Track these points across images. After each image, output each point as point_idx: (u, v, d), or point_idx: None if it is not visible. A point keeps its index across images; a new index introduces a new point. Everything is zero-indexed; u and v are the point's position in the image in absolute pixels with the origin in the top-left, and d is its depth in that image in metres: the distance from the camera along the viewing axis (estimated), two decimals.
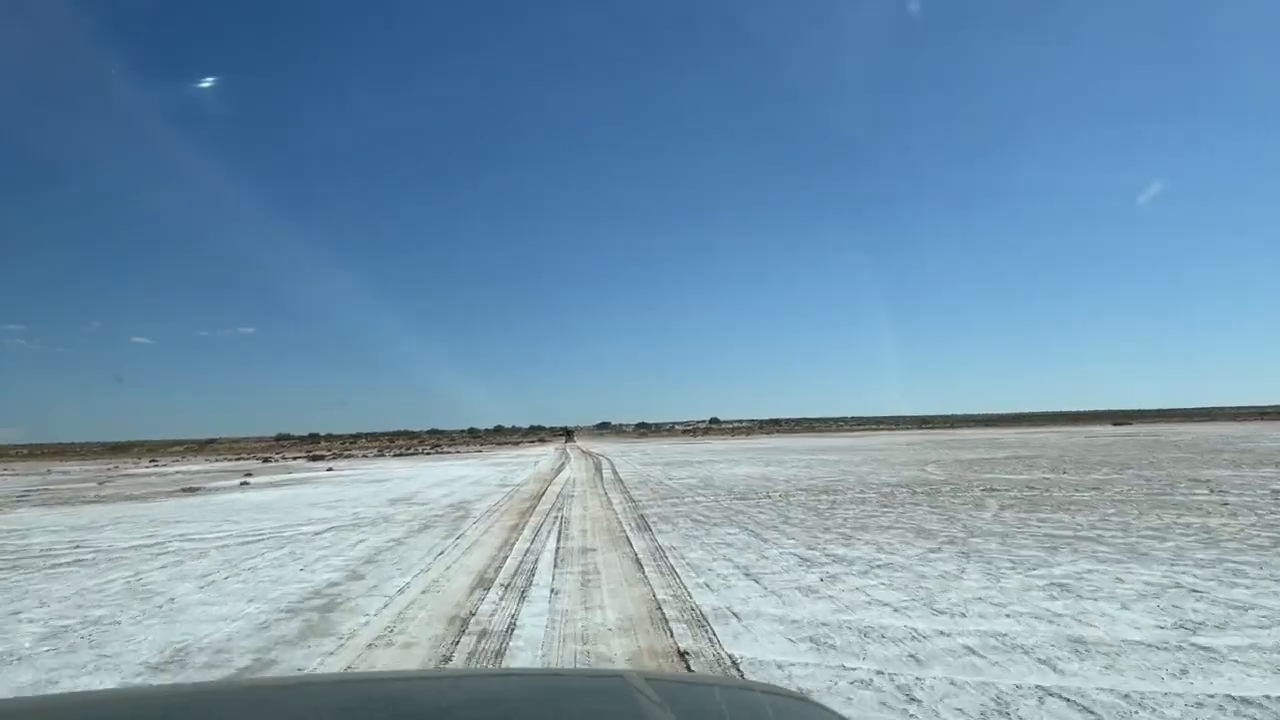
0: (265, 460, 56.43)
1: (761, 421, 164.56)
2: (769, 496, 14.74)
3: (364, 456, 59.53)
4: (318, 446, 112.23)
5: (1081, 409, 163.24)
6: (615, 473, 24.42)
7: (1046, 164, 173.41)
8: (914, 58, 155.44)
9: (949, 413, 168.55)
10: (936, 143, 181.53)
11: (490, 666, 4.62)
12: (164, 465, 54.26)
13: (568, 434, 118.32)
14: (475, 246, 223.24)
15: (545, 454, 47.21)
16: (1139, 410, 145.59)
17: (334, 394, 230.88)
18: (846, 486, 16.53)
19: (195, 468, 47.09)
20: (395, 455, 58.36)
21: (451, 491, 18.78)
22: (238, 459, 64.46)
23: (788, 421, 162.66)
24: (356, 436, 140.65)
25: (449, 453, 60.85)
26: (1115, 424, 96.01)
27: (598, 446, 61.24)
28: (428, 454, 59.46)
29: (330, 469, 37.32)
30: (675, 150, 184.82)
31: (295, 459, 57.52)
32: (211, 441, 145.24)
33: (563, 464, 32.44)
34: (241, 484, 27.35)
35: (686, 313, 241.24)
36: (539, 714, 1.17)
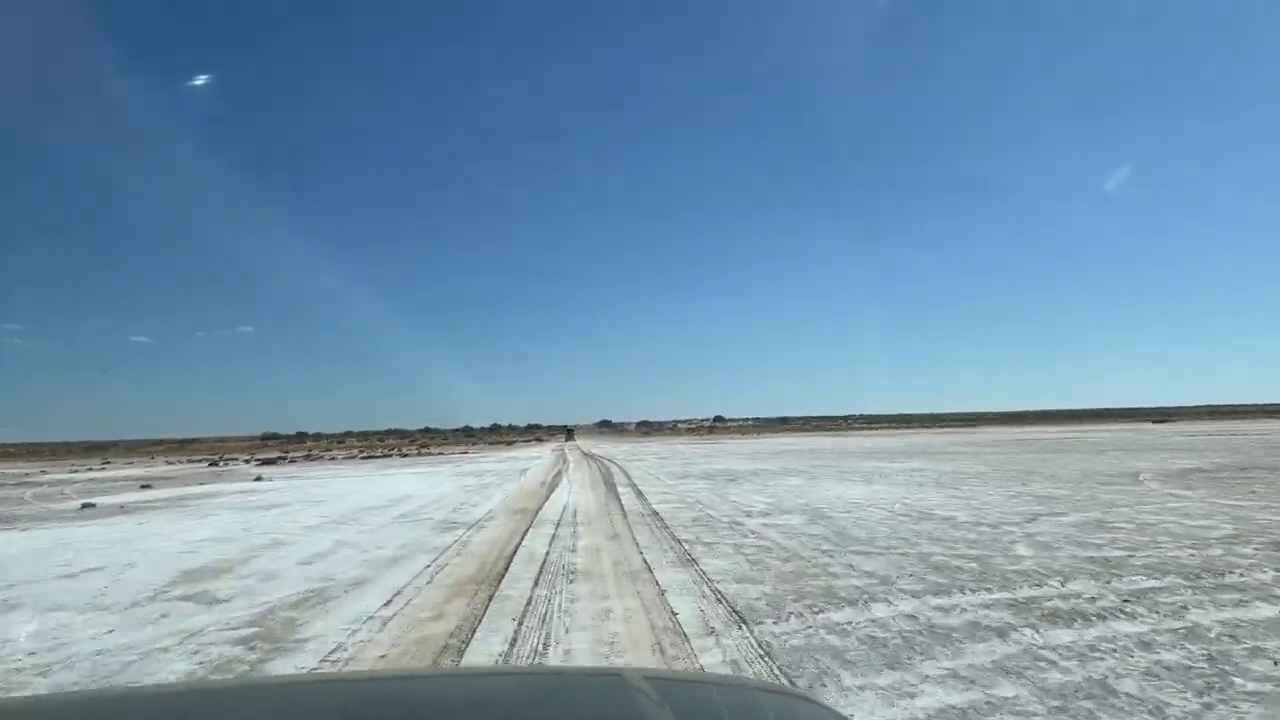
0: (214, 464, 47.27)
1: (768, 420, 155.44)
2: (1096, 607, 5.60)
3: (331, 459, 50.26)
4: (299, 446, 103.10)
5: (1078, 407, 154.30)
6: (639, 494, 15.27)
7: (1032, 157, 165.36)
8: (907, 49, 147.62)
9: (948, 411, 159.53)
10: (931, 138, 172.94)
11: (489, 665, 4.16)
12: (112, 469, 45.59)
13: (567, 433, 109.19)
14: (473, 244, 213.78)
15: (539, 458, 37.94)
16: (1142, 409, 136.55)
17: (328, 393, 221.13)
18: (1176, 549, 7.38)
19: (129, 473, 38.17)
20: (364, 458, 49.05)
21: (340, 544, 9.56)
22: (192, 461, 55.23)
23: (794, 420, 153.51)
24: (345, 436, 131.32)
25: (429, 455, 51.60)
26: (1155, 421, 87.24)
27: (601, 447, 51.96)
28: (404, 456, 50.18)
29: (258, 478, 28.14)
30: (676, 145, 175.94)
31: (252, 461, 48.21)
32: (193, 441, 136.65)
33: (559, 473, 23.31)
34: (83, 507, 18.19)
35: (687, 310, 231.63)
36: (538, 712, 1.11)
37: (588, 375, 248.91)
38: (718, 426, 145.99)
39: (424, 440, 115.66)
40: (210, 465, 46.63)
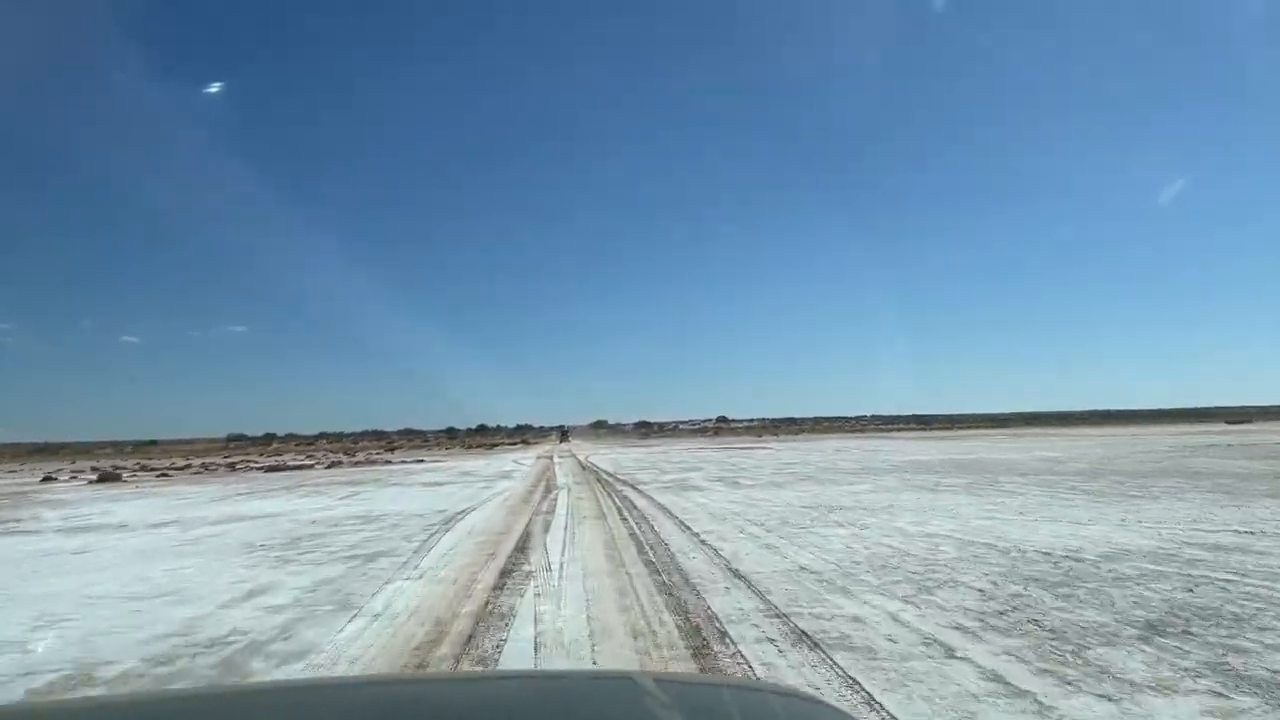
0: (48, 479, 31.97)
1: (776, 421, 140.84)
2: None
3: (234, 470, 35.10)
4: (256, 449, 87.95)
5: (1103, 408, 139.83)
6: None
7: (1059, 158, 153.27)
8: (923, 47, 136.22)
9: (961, 412, 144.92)
10: (946, 138, 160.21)
11: (496, 669, 3.85)
12: None
13: (562, 434, 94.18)
14: (468, 243, 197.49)
15: (511, 476, 22.94)
16: (1186, 410, 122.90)
17: (317, 393, 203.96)
18: None
19: None
20: (269, 470, 33.69)
21: None
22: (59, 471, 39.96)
23: (804, 420, 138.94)
24: (318, 437, 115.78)
25: (369, 465, 36.43)
26: (1229, 422, 73.87)
27: (607, 455, 36.94)
28: (330, 468, 34.89)
29: None
30: (682, 141, 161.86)
31: (87, 476, 33.06)
32: (152, 444, 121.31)
33: (524, 547, 8.48)
34: None
35: (689, 306, 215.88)
36: (546, 716, 1.05)
37: (581, 374, 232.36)
38: (722, 427, 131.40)
39: (400, 442, 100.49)
40: (72, 478, 31.47)
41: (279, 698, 1.19)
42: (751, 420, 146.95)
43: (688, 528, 9.31)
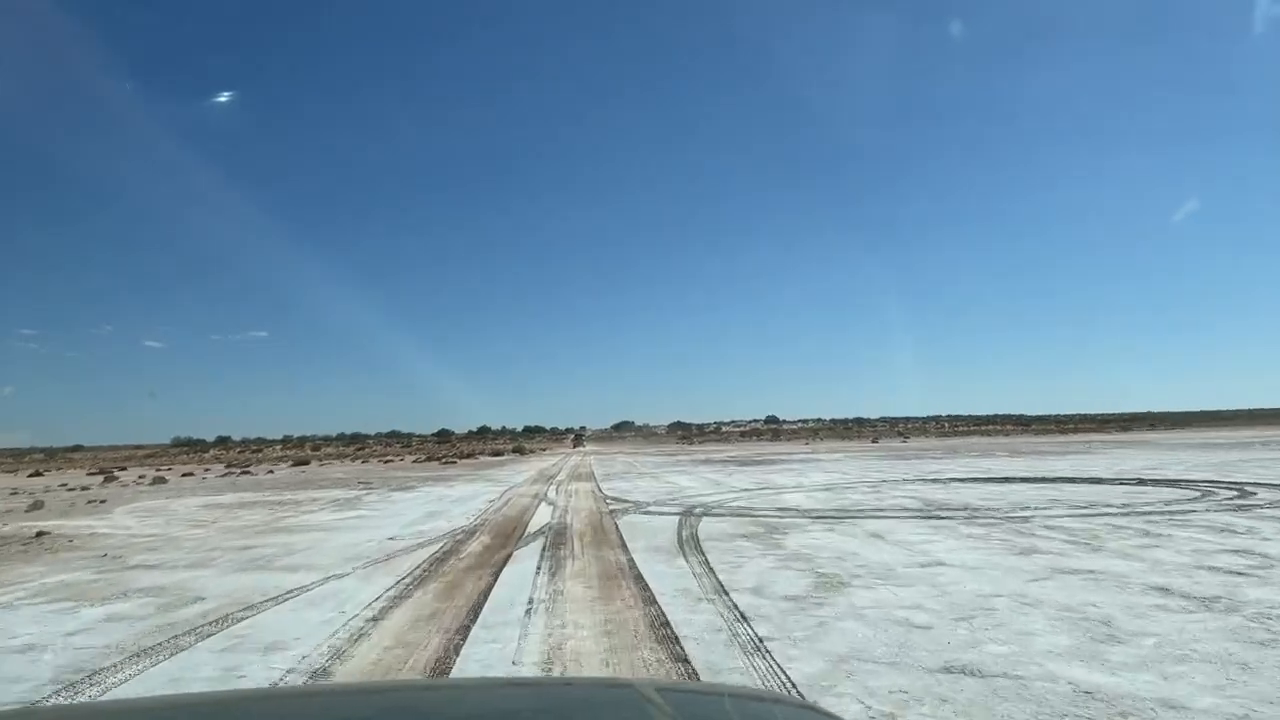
0: None
1: (844, 422, 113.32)
2: None
3: None
4: (176, 458, 62.99)
5: (1125, 410, 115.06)
6: None
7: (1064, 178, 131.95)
8: (943, 74, 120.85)
9: (982, 413, 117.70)
10: (973, 159, 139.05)
11: (497, 676, 3.76)
12: None
13: (575, 439, 68.46)
14: (484, 243, 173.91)
15: None
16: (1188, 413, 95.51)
17: (300, 396, 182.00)
18: None
19: None
20: None
21: None
22: None
23: (873, 423, 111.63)
24: (271, 443, 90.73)
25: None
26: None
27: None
28: None
29: None
30: (712, 142, 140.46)
31: None
32: (76, 449, 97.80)
33: None
34: None
35: (727, 299, 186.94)
36: None
37: (602, 371, 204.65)
38: (779, 429, 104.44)
39: (374, 448, 75.70)
40: None
41: (281, 704, 1.17)
42: (807, 421, 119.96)
43: None
